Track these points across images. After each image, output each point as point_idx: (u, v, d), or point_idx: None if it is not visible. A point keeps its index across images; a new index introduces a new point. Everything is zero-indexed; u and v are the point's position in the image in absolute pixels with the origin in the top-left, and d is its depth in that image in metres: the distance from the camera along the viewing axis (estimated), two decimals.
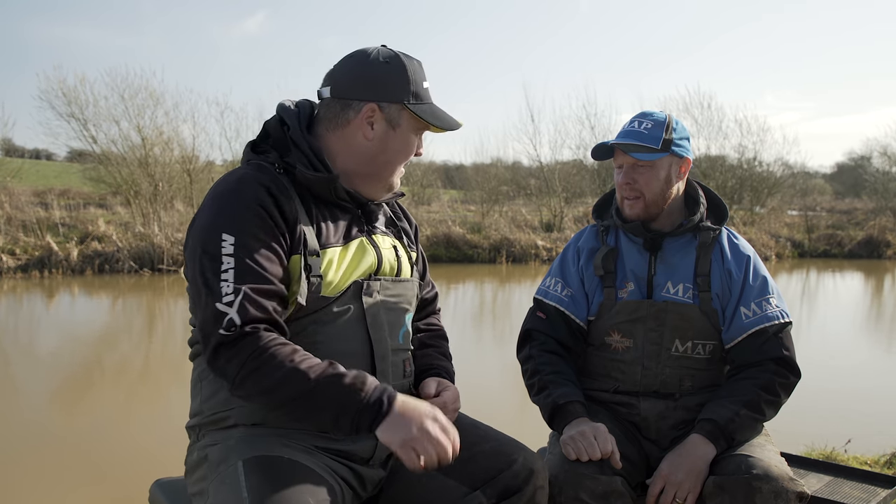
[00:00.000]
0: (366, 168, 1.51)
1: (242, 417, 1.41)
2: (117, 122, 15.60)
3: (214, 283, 1.31)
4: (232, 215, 1.35)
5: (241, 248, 1.33)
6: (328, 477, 1.36)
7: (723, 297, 1.86)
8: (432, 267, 1.90)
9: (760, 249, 16.72)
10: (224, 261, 1.32)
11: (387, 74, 1.47)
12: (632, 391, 1.87)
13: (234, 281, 1.31)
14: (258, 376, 1.28)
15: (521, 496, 1.45)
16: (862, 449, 3.79)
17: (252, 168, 1.44)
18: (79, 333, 8.16)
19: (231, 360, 1.29)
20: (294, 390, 1.28)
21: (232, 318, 1.29)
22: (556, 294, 1.95)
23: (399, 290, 1.56)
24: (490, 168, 21.86)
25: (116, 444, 4.31)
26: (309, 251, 1.40)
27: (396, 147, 1.51)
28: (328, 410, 1.29)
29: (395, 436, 1.28)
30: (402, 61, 1.48)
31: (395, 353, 1.52)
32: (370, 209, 1.56)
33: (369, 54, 1.49)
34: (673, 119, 1.89)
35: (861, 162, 32.05)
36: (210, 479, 1.36)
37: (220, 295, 1.30)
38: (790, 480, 1.57)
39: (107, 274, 12.42)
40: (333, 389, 1.28)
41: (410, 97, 1.48)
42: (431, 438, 1.28)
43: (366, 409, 1.28)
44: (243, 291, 1.30)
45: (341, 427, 1.30)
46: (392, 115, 1.48)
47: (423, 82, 1.51)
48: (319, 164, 1.46)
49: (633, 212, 1.88)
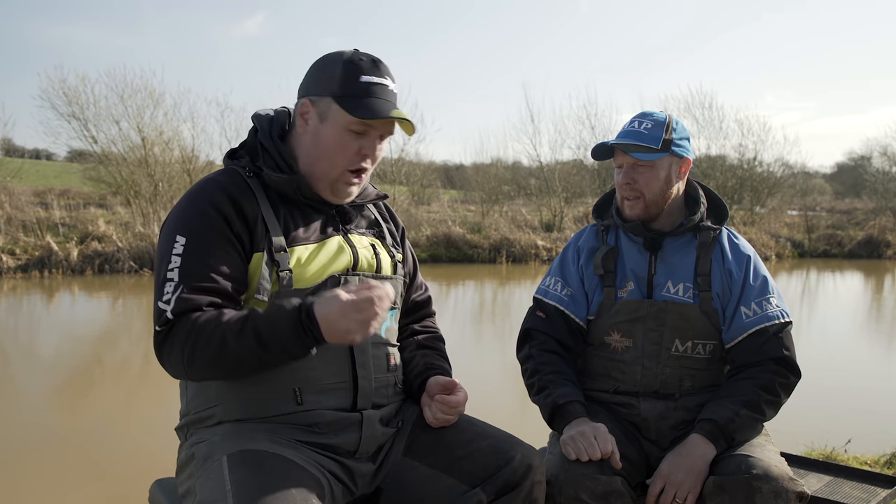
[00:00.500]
0: (308, 166, 1.52)
1: (226, 414, 1.43)
2: (117, 122, 15.61)
3: (160, 283, 1.39)
4: (186, 217, 1.43)
5: (190, 248, 1.39)
6: (313, 470, 1.37)
7: (723, 296, 1.86)
8: (432, 267, 1.90)
9: (760, 249, 16.71)
10: (173, 260, 1.39)
11: (322, 69, 1.49)
12: (632, 391, 1.87)
13: (176, 280, 1.37)
14: (197, 354, 1.32)
15: (520, 491, 1.46)
16: (862, 449, 3.79)
17: (220, 173, 1.51)
18: (79, 333, 8.16)
19: (172, 352, 1.35)
20: (234, 349, 1.31)
21: (166, 315, 1.35)
22: (555, 293, 1.95)
23: None
24: (490, 168, 21.86)
25: (116, 444, 4.31)
26: (275, 248, 1.43)
27: (327, 141, 1.48)
28: (270, 346, 1.31)
29: (336, 334, 1.29)
30: (344, 56, 1.48)
31: (377, 346, 1.54)
32: (344, 209, 1.58)
33: (325, 55, 1.52)
34: (673, 119, 1.89)
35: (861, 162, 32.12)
36: (196, 476, 1.37)
37: (161, 294, 1.37)
38: (790, 480, 1.57)
39: (107, 274, 12.42)
40: (261, 325, 1.31)
41: (340, 89, 1.45)
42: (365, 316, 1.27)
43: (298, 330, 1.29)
44: (181, 289, 1.36)
45: (296, 355, 1.33)
46: (322, 108, 1.48)
47: (362, 76, 1.46)
48: (285, 165, 1.50)
49: (634, 212, 1.88)
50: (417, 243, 15.19)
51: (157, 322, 1.36)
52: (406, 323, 1.76)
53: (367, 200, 1.64)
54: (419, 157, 22.17)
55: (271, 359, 1.33)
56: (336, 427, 1.45)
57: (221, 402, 1.44)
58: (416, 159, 21.39)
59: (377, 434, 1.51)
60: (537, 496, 1.50)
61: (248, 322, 1.32)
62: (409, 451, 1.54)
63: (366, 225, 1.64)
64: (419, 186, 20.84)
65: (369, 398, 1.50)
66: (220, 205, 1.42)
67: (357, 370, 1.48)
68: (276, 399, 1.43)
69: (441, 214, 18.77)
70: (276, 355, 1.33)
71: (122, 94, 15.56)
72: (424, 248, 15.18)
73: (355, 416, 1.47)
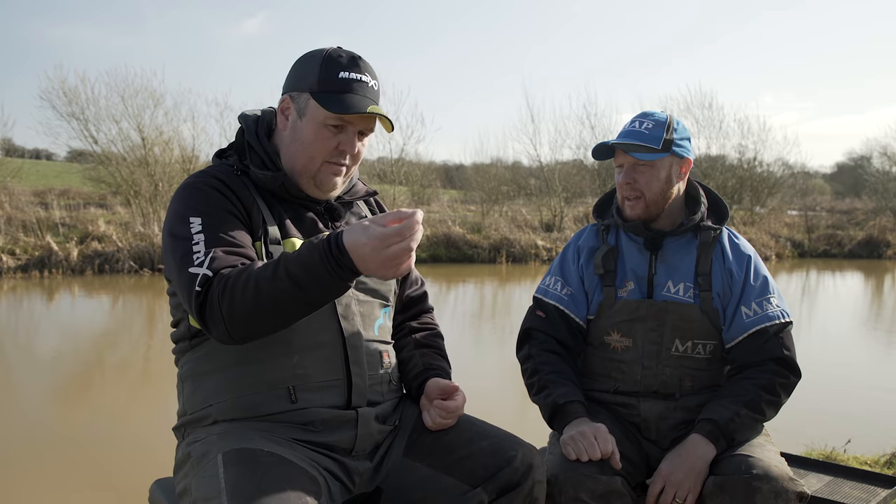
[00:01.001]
0: (292, 163, 1.52)
1: (222, 414, 1.43)
2: (117, 122, 15.64)
3: (188, 256, 1.36)
4: (195, 200, 1.43)
5: (208, 224, 1.39)
6: (309, 468, 1.36)
7: (723, 296, 1.86)
8: (432, 267, 1.91)
9: (760, 249, 16.71)
10: (195, 238, 1.38)
11: (302, 66, 1.50)
12: (632, 391, 1.87)
13: (204, 247, 1.36)
14: (236, 308, 1.28)
15: (520, 491, 1.46)
16: (862, 449, 3.79)
17: (209, 168, 1.53)
18: (79, 333, 8.16)
19: (213, 312, 1.31)
20: (270, 292, 1.26)
21: (204, 274, 1.32)
22: (555, 293, 1.95)
23: (372, 285, 1.58)
24: (490, 168, 21.87)
25: (116, 444, 4.31)
26: (270, 240, 1.45)
27: (305, 137, 1.49)
28: (305, 284, 1.25)
29: (372, 268, 1.24)
30: (323, 54, 1.49)
31: (370, 343, 1.54)
32: (333, 207, 1.59)
33: (308, 52, 1.53)
34: (674, 119, 1.89)
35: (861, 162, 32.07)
36: (192, 474, 1.36)
37: (192, 262, 1.35)
38: (790, 480, 1.57)
39: (107, 274, 12.42)
40: (293, 266, 1.25)
41: (318, 86, 1.46)
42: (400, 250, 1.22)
43: (330, 264, 1.23)
44: (212, 253, 1.35)
45: (334, 290, 1.28)
46: (301, 104, 1.49)
47: (340, 73, 1.46)
48: (271, 163, 1.52)
49: (634, 212, 1.88)
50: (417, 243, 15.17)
51: (194, 285, 1.31)
52: (403, 319, 1.76)
53: (357, 197, 1.64)
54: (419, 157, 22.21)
55: (310, 298, 1.28)
56: (331, 425, 1.45)
57: (217, 401, 1.44)
58: (416, 159, 21.43)
59: (373, 432, 1.51)
60: (538, 496, 1.50)
61: (280, 265, 1.27)
62: (409, 451, 1.54)
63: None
64: (419, 186, 20.84)
65: (364, 395, 1.50)
66: (221, 188, 1.45)
67: (350, 367, 1.48)
68: (270, 398, 1.43)
69: (441, 214, 18.77)
70: (315, 294, 1.27)
71: (123, 94, 15.61)
72: (424, 248, 15.18)
73: (350, 413, 1.47)
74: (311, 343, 1.45)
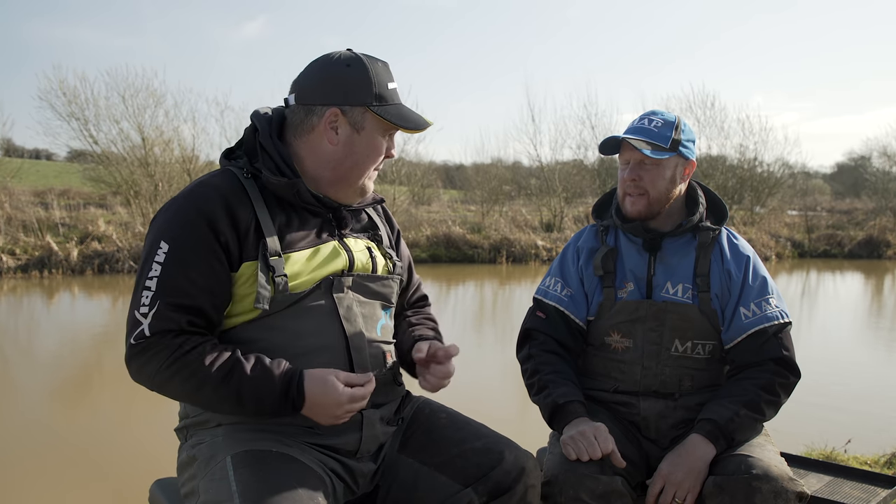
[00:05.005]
0: (333, 173, 1.51)
1: (225, 418, 1.43)
2: (117, 122, 15.62)
3: (139, 289, 1.37)
4: (173, 224, 1.40)
5: (172, 257, 1.37)
6: (317, 469, 1.37)
7: (722, 297, 1.86)
8: (432, 267, 1.91)
9: (760, 249, 16.71)
10: (153, 268, 1.36)
11: (348, 77, 1.47)
12: (631, 391, 1.87)
13: (154, 290, 1.35)
14: (174, 384, 1.34)
15: (513, 495, 1.46)
16: (862, 449, 3.79)
17: (215, 174, 1.48)
18: (79, 334, 8.16)
19: (144, 368, 1.35)
20: (209, 394, 1.34)
21: (143, 329, 1.33)
22: (555, 294, 1.95)
23: (375, 287, 1.58)
24: (490, 168, 21.87)
25: (116, 444, 4.31)
26: (270, 253, 1.41)
27: (362, 150, 1.50)
28: (248, 405, 1.35)
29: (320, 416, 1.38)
30: (365, 63, 1.48)
31: (373, 345, 1.53)
32: (341, 214, 1.56)
33: (332, 58, 1.49)
34: (682, 121, 1.89)
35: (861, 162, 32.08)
36: (200, 476, 1.36)
37: (138, 303, 1.35)
38: (790, 480, 1.57)
39: (107, 274, 12.41)
40: (246, 387, 1.33)
41: (373, 99, 1.46)
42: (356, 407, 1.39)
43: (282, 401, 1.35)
44: (158, 304, 1.34)
45: (268, 414, 1.38)
46: (355, 118, 1.48)
47: (388, 83, 1.49)
48: (287, 168, 1.48)
49: (636, 209, 1.88)
50: (417, 243, 15.19)
51: (132, 334, 1.34)
52: (400, 311, 1.77)
53: (366, 204, 1.63)
54: (419, 157, 22.25)
55: (243, 410, 1.37)
56: (336, 428, 1.45)
57: None
58: (416, 159, 21.45)
59: (378, 434, 1.52)
60: (531, 500, 1.49)
61: (233, 379, 1.32)
62: (403, 447, 1.55)
63: (361, 228, 1.64)
64: (419, 186, 20.84)
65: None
66: (209, 213, 1.38)
67: (354, 370, 1.48)
68: None
69: (441, 214, 18.77)
70: (252, 411, 1.36)
71: (124, 94, 15.59)
72: (424, 248, 15.18)
73: (355, 416, 1.47)
74: (315, 346, 1.45)
